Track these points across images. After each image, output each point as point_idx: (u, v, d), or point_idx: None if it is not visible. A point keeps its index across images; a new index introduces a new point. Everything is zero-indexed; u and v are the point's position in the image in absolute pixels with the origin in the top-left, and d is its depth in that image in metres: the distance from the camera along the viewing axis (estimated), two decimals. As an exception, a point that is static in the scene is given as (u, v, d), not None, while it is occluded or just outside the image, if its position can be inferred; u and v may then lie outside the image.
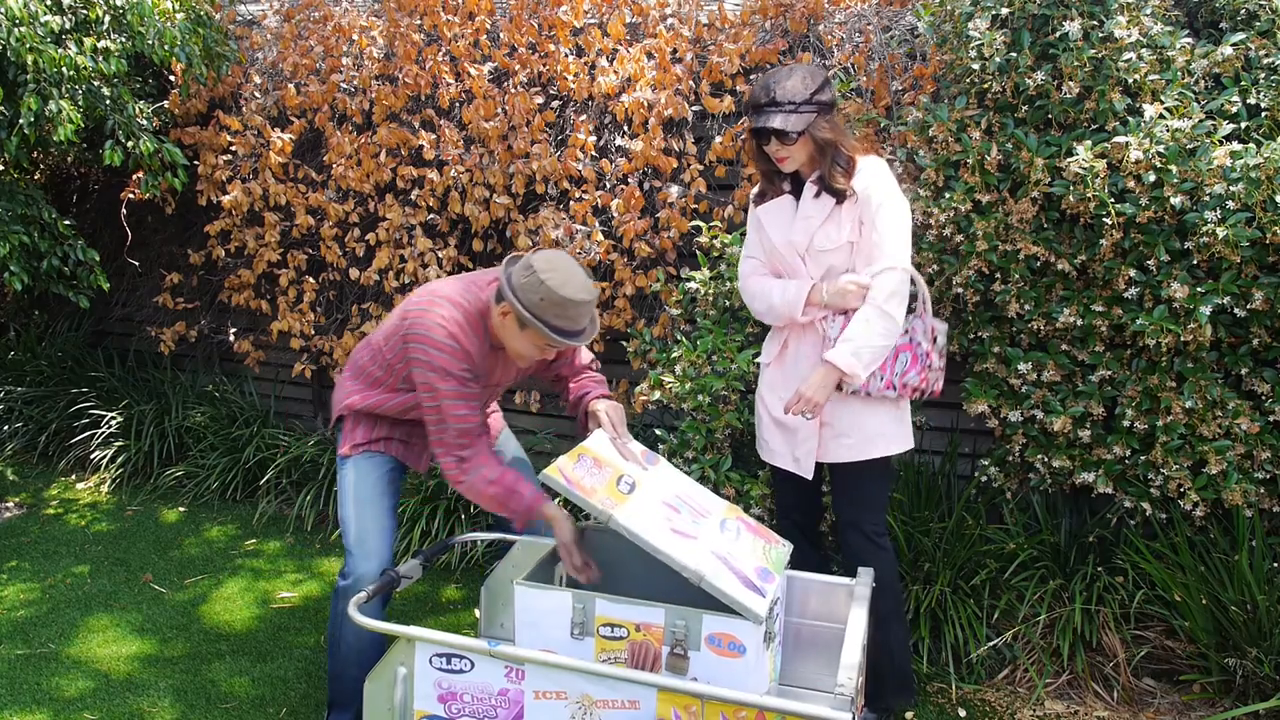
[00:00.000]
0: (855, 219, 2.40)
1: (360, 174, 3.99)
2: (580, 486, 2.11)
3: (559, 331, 2.24)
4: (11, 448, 4.98)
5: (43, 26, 3.42)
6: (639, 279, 3.61)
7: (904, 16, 3.38)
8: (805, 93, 2.33)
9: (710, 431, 3.21)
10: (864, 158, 2.44)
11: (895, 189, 2.41)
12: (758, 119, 2.36)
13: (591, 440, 2.36)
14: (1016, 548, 3.05)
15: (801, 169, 2.45)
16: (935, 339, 2.53)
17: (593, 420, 2.47)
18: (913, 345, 2.49)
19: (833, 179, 2.38)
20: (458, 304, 2.33)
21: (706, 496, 2.36)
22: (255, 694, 2.87)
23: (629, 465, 2.31)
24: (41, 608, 3.39)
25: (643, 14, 3.67)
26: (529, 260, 2.25)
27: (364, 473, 2.49)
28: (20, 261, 3.82)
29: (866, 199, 2.38)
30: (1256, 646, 2.67)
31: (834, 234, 2.41)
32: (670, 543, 2.05)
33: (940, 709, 2.80)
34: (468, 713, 2.10)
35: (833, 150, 2.38)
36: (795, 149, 2.38)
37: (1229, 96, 2.69)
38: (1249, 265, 2.68)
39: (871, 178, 2.40)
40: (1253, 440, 2.77)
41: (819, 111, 2.35)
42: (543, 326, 2.21)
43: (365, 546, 2.43)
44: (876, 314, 2.37)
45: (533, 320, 2.21)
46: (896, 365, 2.47)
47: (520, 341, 2.30)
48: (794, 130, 2.33)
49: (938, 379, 2.55)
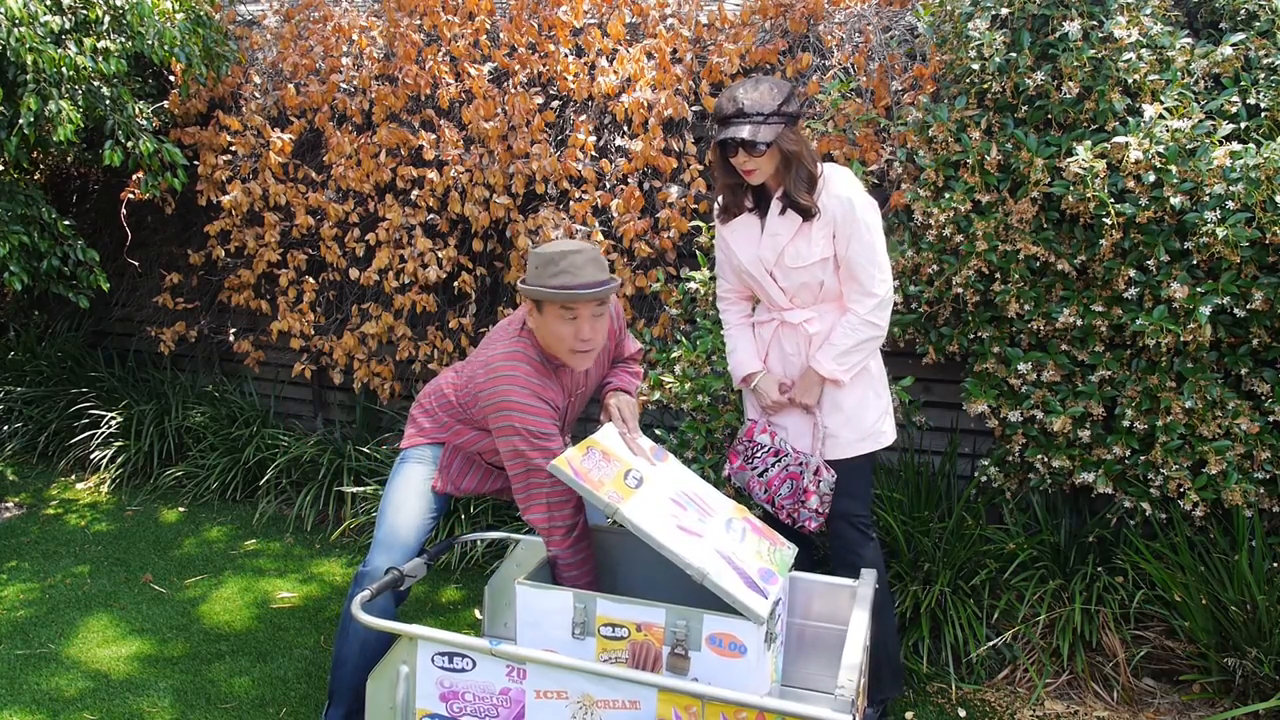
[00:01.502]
0: (828, 234, 2.42)
1: (360, 174, 3.99)
2: (588, 479, 2.11)
3: (563, 289, 2.21)
4: (11, 448, 4.97)
5: (43, 26, 3.42)
6: (639, 279, 3.61)
7: (904, 16, 3.38)
8: (773, 103, 2.34)
9: (710, 431, 3.21)
10: (829, 167, 2.45)
11: (864, 200, 2.42)
12: (724, 130, 2.36)
13: (601, 433, 2.36)
14: (1016, 548, 3.05)
15: (768, 182, 2.47)
16: (820, 481, 2.52)
17: (604, 413, 2.48)
18: (800, 475, 2.53)
19: (796, 194, 2.39)
20: (523, 366, 2.31)
21: (714, 495, 2.36)
22: (255, 694, 2.87)
23: (637, 460, 2.31)
24: (41, 608, 3.38)
25: (643, 14, 3.67)
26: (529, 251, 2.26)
27: (419, 470, 2.53)
28: (20, 261, 3.82)
29: (836, 214, 2.40)
30: (1256, 646, 2.67)
31: (804, 250, 2.44)
32: (675, 539, 2.05)
33: (940, 709, 2.81)
34: (469, 711, 2.10)
35: (796, 163, 2.38)
36: (763, 161, 2.39)
37: (1229, 96, 2.70)
38: (1249, 265, 2.68)
39: (839, 190, 2.41)
40: (1252, 440, 2.78)
41: (785, 123, 2.36)
42: (546, 290, 2.21)
43: (394, 540, 2.46)
44: (860, 322, 2.44)
45: (537, 290, 2.22)
46: (783, 489, 2.55)
47: (552, 328, 2.27)
48: (762, 141, 2.33)
49: (809, 517, 2.53)
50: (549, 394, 2.31)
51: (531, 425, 2.26)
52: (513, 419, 2.26)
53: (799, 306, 2.53)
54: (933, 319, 3.23)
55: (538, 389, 2.29)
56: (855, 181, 2.45)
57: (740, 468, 2.63)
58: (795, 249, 2.44)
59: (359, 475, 4.14)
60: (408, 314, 4.10)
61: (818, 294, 2.50)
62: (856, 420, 2.52)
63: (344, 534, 4.03)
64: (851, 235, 2.39)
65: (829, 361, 2.45)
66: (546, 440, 2.28)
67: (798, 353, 2.54)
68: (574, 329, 2.25)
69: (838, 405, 2.52)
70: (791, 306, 2.53)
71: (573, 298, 2.21)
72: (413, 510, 2.50)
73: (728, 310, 2.70)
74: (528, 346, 2.33)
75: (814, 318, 2.51)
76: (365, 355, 4.19)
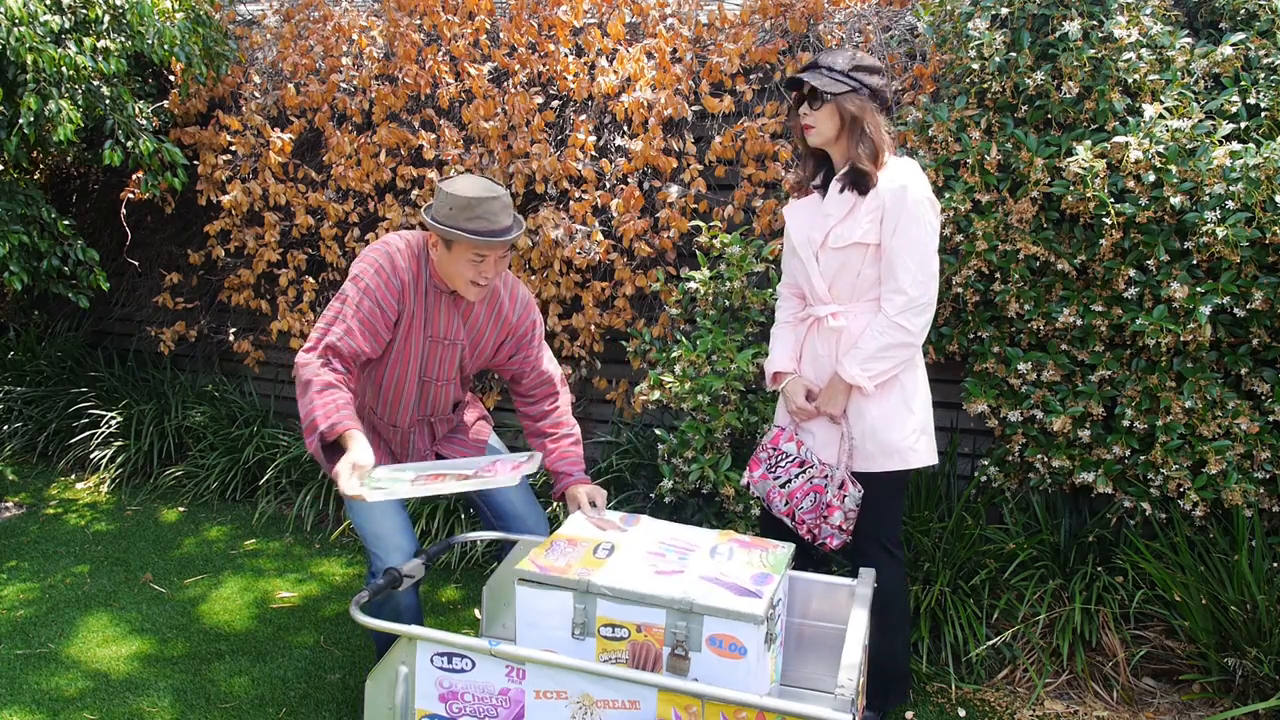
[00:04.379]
0: (875, 219, 2.32)
1: (360, 174, 3.99)
2: (554, 569, 2.12)
3: (479, 233, 2.26)
4: (11, 448, 4.97)
5: (42, 26, 3.41)
6: (639, 279, 3.61)
7: (904, 16, 3.38)
8: (846, 65, 2.32)
9: (710, 431, 3.21)
10: (899, 160, 2.37)
11: (921, 192, 2.31)
12: (796, 75, 2.35)
13: (565, 525, 2.36)
14: (1016, 548, 3.05)
15: (832, 154, 2.42)
16: (845, 496, 2.43)
17: (571, 503, 2.47)
18: (824, 489, 2.45)
19: (859, 160, 2.31)
20: (403, 241, 2.41)
21: (694, 533, 2.33)
22: (255, 694, 2.87)
23: (606, 534, 2.30)
24: (41, 608, 3.38)
25: (643, 14, 3.67)
26: (436, 186, 2.31)
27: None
28: (20, 261, 3.82)
29: (886, 199, 2.30)
30: (1256, 646, 2.67)
31: (848, 231, 2.35)
32: (653, 584, 2.05)
33: (940, 709, 2.81)
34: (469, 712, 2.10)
35: (859, 129, 2.31)
36: (822, 118, 2.33)
37: (1229, 96, 2.69)
38: (1249, 265, 2.68)
39: (899, 176, 2.31)
40: (1252, 440, 2.77)
41: (855, 88, 2.30)
42: (461, 233, 2.24)
43: (384, 543, 2.44)
44: (888, 324, 2.32)
45: (450, 230, 2.25)
46: (805, 502, 2.47)
47: (457, 264, 2.32)
48: (825, 90, 2.29)
49: (831, 534, 2.45)
50: (405, 279, 2.37)
51: (372, 281, 2.33)
52: (360, 267, 2.34)
53: (836, 300, 2.43)
54: (933, 319, 3.23)
55: (400, 265, 2.36)
56: (920, 175, 2.33)
57: (762, 477, 2.52)
58: (842, 229, 2.36)
59: (359, 475, 4.13)
60: (407, 314, 4.10)
61: (854, 284, 2.39)
62: (882, 434, 2.39)
63: (344, 534, 4.03)
64: (899, 224, 2.28)
65: (853, 366, 2.34)
66: (371, 306, 2.33)
67: (829, 354, 2.44)
68: (479, 269, 2.33)
69: (861, 414, 2.40)
70: (829, 299, 2.44)
71: (489, 244, 2.27)
72: (375, 508, 2.47)
73: (781, 305, 2.60)
74: (417, 257, 2.41)
75: (842, 311, 2.41)
76: (365, 355, 4.19)
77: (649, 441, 3.74)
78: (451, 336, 2.49)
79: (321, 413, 2.24)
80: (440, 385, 2.54)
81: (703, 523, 3.43)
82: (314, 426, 2.24)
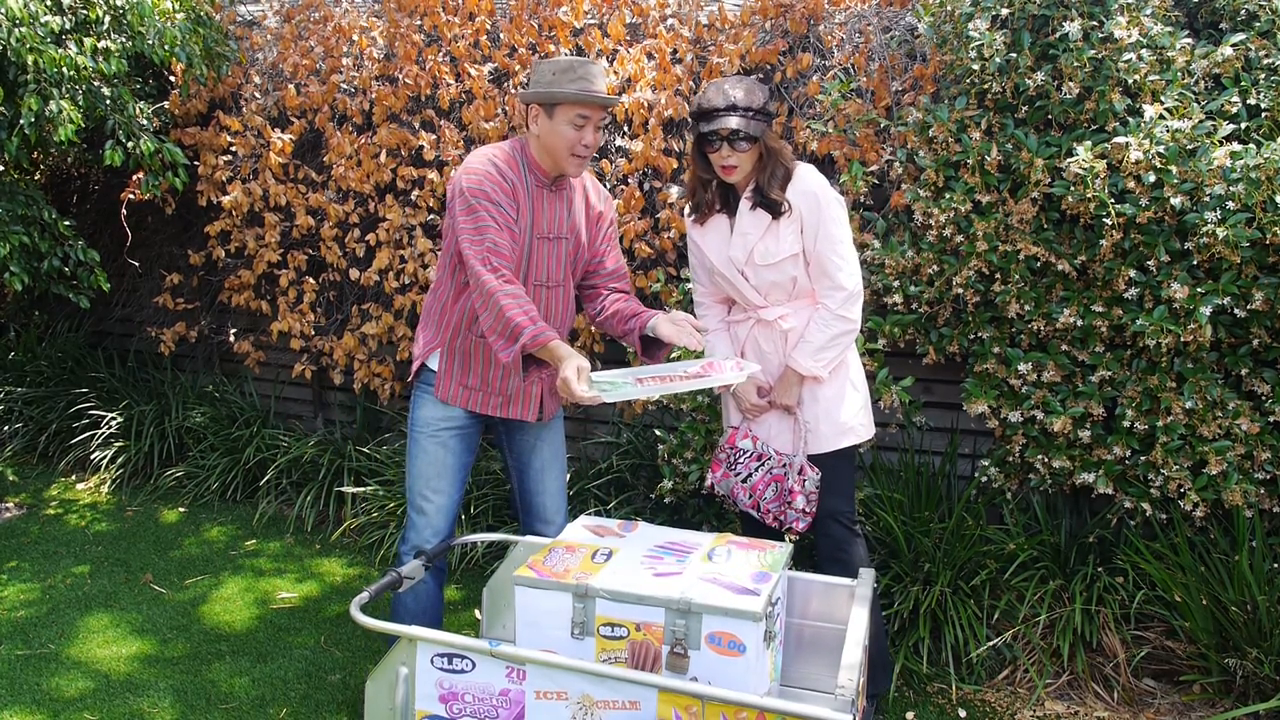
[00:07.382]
0: (795, 230, 2.46)
1: (360, 174, 3.99)
2: (552, 574, 2.13)
3: (583, 93, 2.33)
4: (11, 448, 4.98)
5: (43, 27, 3.42)
6: (639, 279, 3.61)
7: (904, 17, 3.38)
8: (759, 102, 2.41)
9: (710, 432, 3.21)
10: (797, 165, 2.51)
11: (829, 194, 2.46)
12: (713, 121, 2.40)
13: (565, 532, 2.39)
14: (1016, 548, 3.05)
15: (738, 183, 2.51)
16: (804, 480, 2.54)
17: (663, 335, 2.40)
18: (784, 477, 2.56)
19: (769, 189, 2.45)
20: (494, 149, 2.43)
21: (692, 536, 2.37)
22: (255, 694, 2.87)
23: (604, 540, 2.32)
24: (41, 608, 3.38)
25: (643, 14, 3.67)
26: (533, 64, 2.36)
27: (420, 414, 2.52)
28: (20, 262, 3.83)
29: (803, 209, 2.44)
30: (1256, 647, 2.67)
31: (773, 247, 2.47)
32: (651, 586, 2.06)
33: (940, 709, 2.80)
34: (469, 713, 2.10)
35: (773, 161, 2.46)
36: (745, 157, 2.44)
37: (1229, 97, 2.69)
38: (1249, 266, 2.68)
39: (805, 185, 2.46)
40: (1253, 441, 2.77)
41: (767, 121, 2.44)
42: (567, 91, 2.31)
43: (423, 502, 2.51)
44: (833, 317, 2.47)
45: (556, 93, 2.32)
46: (767, 492, 2.57)
47: (558, 133, 2.36)
48: (753, 134, 2.39)
49: (796, 518, 2.56)
50: (513, 177, 2.38)
51: (485, 186, 2.32)
52: (470, 181, 2.33)
53: (773, 304, 2.56)
54: (933, 319, 3.23)
55: (502, 167, 2.37)
56: (820, 177, 2.49)
57: (724, 475, 2.65)
58: (765, 246, 2.48)
59: (359, 475, 4.14)
60: (408, 314, 4.10)
61: (790, 291, 2.53)
62: (834, 413, 2.54)
63: (344, 534, 4.03)
64: (819, 229, 2.44)
65: (806, 359, 2.49)
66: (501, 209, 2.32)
67: (775, 351, 2.57)
68: (580, 135, 2.37)
69: (815, 398, 2.54)
70: (766, 305, 2.56)
71: (592, 100, 2.34)
72: (427, 460, 2.49)
73: (705, 315, 2.72)
74: (516, 157, 2.42)
75: (789, 314, 2.53)
76: (365, 356, 4.19)
77: (649, 442, 3.74)
78: (559, 231, 2.51)
79: (525, 317, 2.23)
80: (552, 289, 2.52)
81: (703, 524, 3.43)
82: (515, 334, 2.23)
